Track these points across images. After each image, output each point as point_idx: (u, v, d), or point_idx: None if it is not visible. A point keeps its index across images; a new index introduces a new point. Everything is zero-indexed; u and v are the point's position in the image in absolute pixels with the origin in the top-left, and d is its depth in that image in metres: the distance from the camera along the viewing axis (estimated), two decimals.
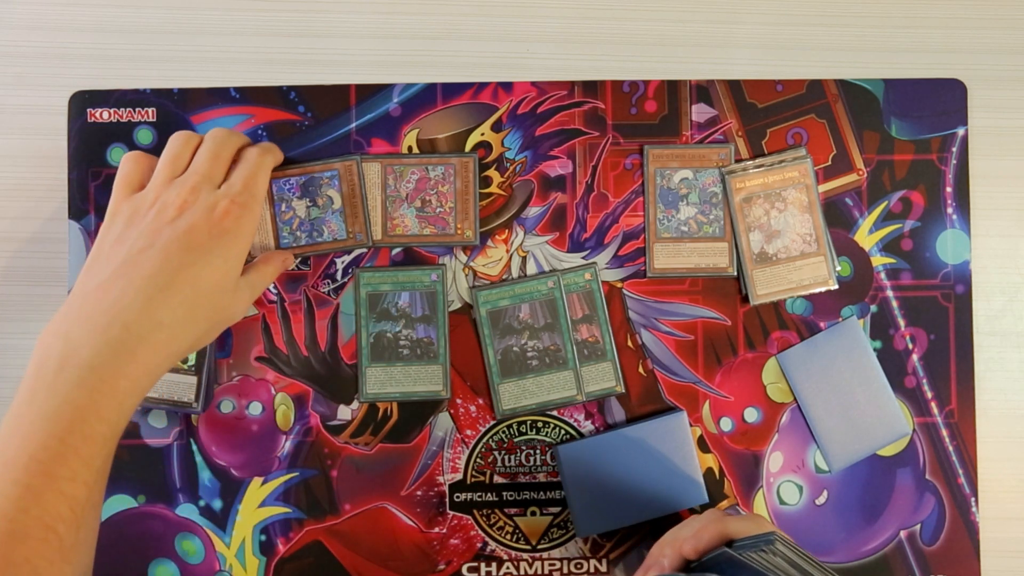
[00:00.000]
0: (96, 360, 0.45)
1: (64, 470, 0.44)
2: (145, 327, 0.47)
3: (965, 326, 0.65)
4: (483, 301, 0.63)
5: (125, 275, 0.48)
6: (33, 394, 0.46)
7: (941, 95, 0.66)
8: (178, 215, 0.51)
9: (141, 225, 0.51)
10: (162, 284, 0.48)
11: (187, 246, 0.49)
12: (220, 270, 0.50)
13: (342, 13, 0.65)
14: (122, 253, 0.50)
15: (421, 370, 0.63)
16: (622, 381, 0.64)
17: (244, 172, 0.54)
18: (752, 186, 0.64)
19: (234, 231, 0.51)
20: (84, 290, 0.49)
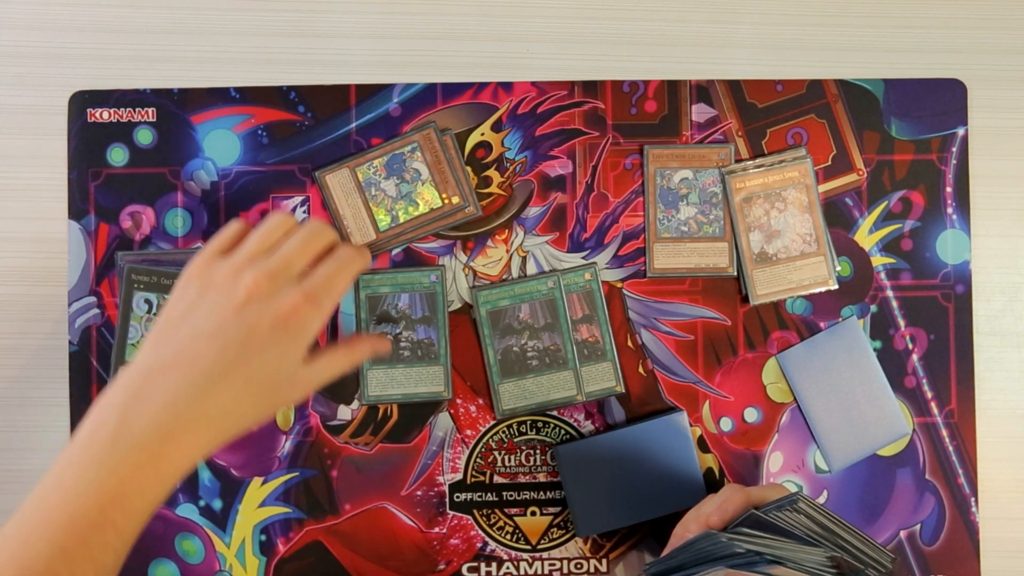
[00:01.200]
0: (145, 441, 0.46)
1: (99, 538, 0.45)
2: (195, 417, 0.47)
3: (965, 326, 0.65)
4: (483, 301, 0.63)
5: (185, 363, 0.48)
6: (81, 457, 0.46)
7: (941, 95, 0.66)
8: (246, 302, 0.50)
9: (210, 301, 0.50)
10: (215, 377, 0.48)
11: (246, 341, 0.49)
12: (274, 366, 0.50)
13: (342, 13, 0.65)
14: (186, 334, 0.49)
15: (422, 371, 0.63)
16: (622, 381, 0.64)
17: (330, 269, 0.52)
18: (752, 186, 0.64)
19: (297, 329, 0.50)
20: (147, 365, 0.49)
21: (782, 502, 0.51)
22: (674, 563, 0.53)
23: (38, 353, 0.64)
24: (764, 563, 0.48)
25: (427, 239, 0.64)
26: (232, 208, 0.64)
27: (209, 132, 0.64)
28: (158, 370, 0.48)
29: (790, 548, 0.49)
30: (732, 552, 0.49)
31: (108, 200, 0.64)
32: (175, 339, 0.50)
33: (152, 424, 0.47)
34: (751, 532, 0.50)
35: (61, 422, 0.63)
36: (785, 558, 0.48)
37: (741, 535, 0.49)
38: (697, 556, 0.51)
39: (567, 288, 0.64)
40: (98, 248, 0.64)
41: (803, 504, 0.50)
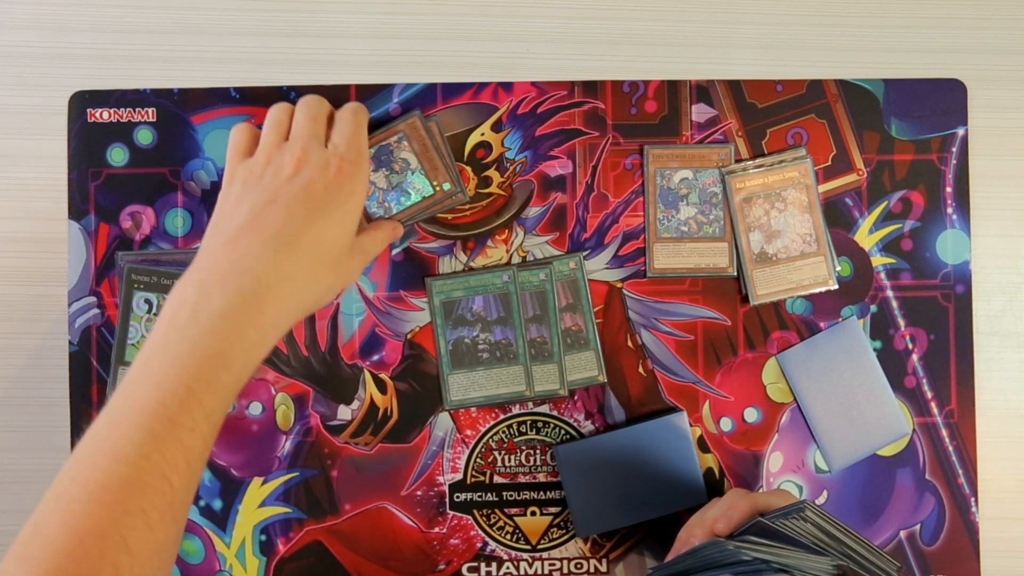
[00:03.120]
0: (227, 307, 0.47)
1: (187, 419, 0.45)
2: (273, 278, 0.48)
3: (965, 326, 0.65)
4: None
5: (252, 230, 0.49)
6: (165, 341, 0.46)
7: (941, 95, 0.66)
8: (295, 173, 0.52)
9: (260, 184, 0.52)
10: (287, 238, 0.49)
11: (307, 201, 0.51)
12: (339, 226, 0.52)
13: (342, 13, 0.65)
14: (244, 210, 0.51)
15: (502, 372, 0.63)
16: (604, 370, 0.64)
17: (345, 132, 0.55)
18: (752, 186, 0.64)
19: (349, 187, 0.52)
20: (212, 246, 0.50)
21: (789, 509, 0.51)
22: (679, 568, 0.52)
23: (38, 353, 0.64)
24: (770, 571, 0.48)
25: (427, 239, 0.64)
26: None
27: (209, 132, 0.64)
28: (227, 243, 0.49)
29: (796, 556, 0.49)
30: (738, 560, 0.49)
31: (108, 200, 0.64)
32: (236, 218, 0.51)
33: (232, 291, 0.47)
34: (757, 540, 0.50)
35: (61, 422, 0.63)
36: (791, 566, 0.48)
37: (747, 543, 0.49)
38: (703, 563, 0.51)
39: (557, 276, 0.64)
40: (98, 248, 0.64)
41: (810, 512, 0.50)
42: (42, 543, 0.42)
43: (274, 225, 0.49)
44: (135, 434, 0.44)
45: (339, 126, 0.56)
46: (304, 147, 0.53)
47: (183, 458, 0.45)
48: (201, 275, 0.48)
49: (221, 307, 0.47)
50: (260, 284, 0.47)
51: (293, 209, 0.50)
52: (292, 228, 0.50)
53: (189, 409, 0.45)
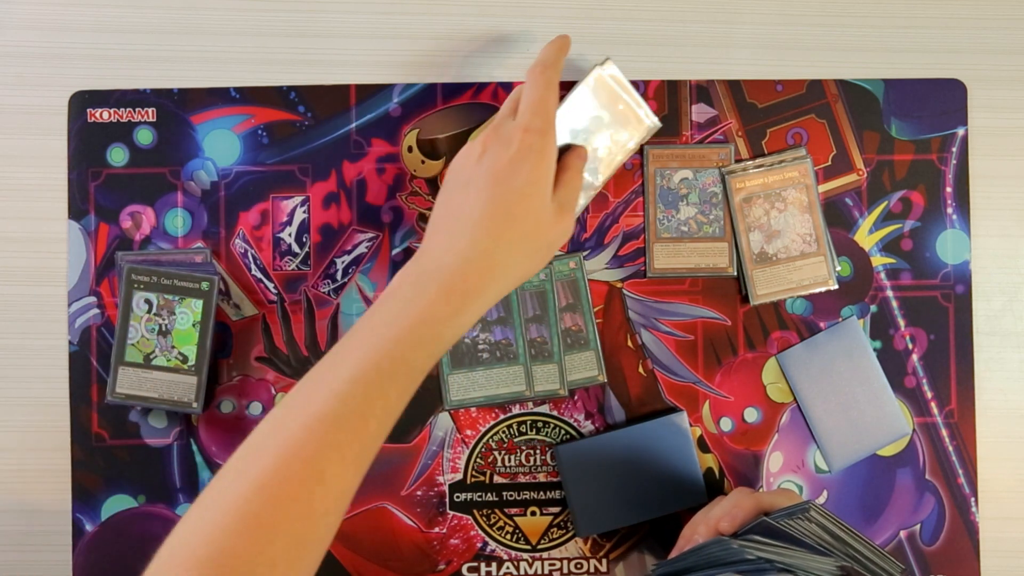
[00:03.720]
0: (439, 277, 0.52)
1: (391, 369, 0.49)
2: (473, 254, 0.52)
3: (965, 326, 0.65)
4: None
5: (452, 215, 0.54)
6: (388, 300, 0.52)
7: (941, 95, 0.66)
8: (482, 153, 0.55)
9: (457, 169, 0.56)
10: (479, 218, 0.53)
11: (494, 180, 0.53)
12: (528, 197, 0.53)
13: (342, 13, 0.65)
14: (443, 197, 0.56)
15: (502, 372, 0.63)
16: (604, 370, 0.64)
17: (529, 97, 0.55)
18: (752, 186, 0.64)
19: (533, 157, 0.53)
20: (427, 233, 0.55)
21: (793, 510, 0.51)
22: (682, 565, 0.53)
23: (38, 353, 0.64)
24: (774, 571, 0.48)
25: None
26: (232, 208, 0.64)
27: (209, 132, 0.64)
28: (437, 230, 0.55)
29: (800, 556, 0.49)
30: (742, 558, 0.49)
31: (108, 200, 0.64)
32: (439, 203, 0.56)
33: (442, 266, 0.52)
34: (762, 539, 0.50)
35: (61, 422, 0.63)
36: (795, 566, 0.48)
37: (752, 542, 0.49)
38: (707, 560, 0.51)
39: (556, 276, 0.64)
40: (98, 248, 0.64)
41: (815, 512, 0.50)
42: (256, 460, 0.47)
43: (466, 208, 0.53)
44: (348, 373, 0.49)
45: (526, 91, 0.56)
46: (494, 125, 0.56)
47: (382, 405, 0.49)
48: (420, 256, 0.54)
49: (435, 279, 0.52)
50: (464, 262, 0.52)
51: (482, 191, 0.53)
52: (482, 210, 0.53)
53: (398, 361, 0.50)
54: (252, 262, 0.64)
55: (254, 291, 0.64)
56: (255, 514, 0.44)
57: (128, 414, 0.63)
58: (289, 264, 0.64)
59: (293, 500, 0.45)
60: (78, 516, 0.63)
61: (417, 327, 0.50)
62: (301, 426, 0.47)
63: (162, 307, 0.61)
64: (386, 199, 0.65)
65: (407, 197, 0.65)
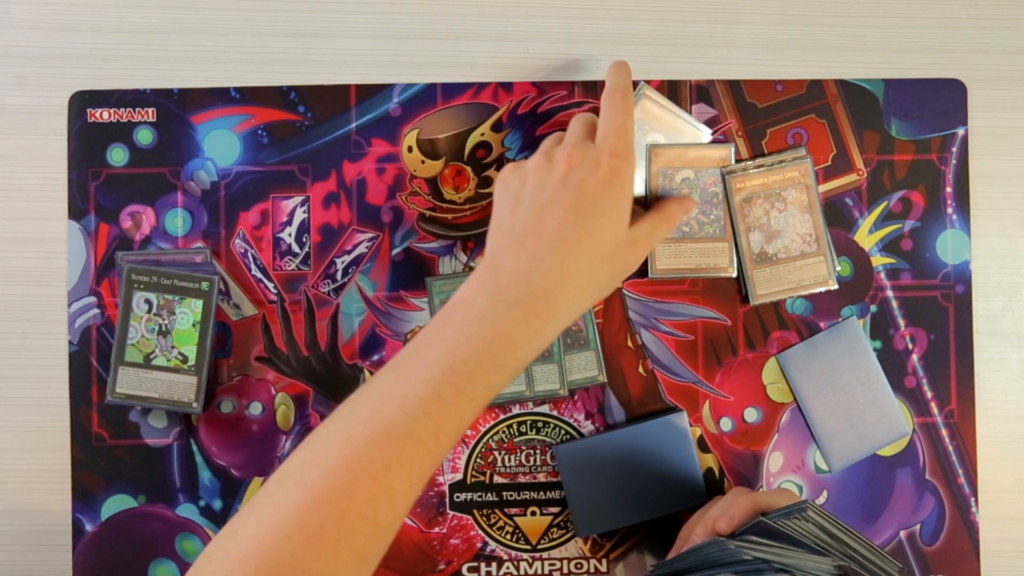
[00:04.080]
0: (520, 298, 0.50)
1: (469, 388, 0.48)
2: (558, 276, 0.51)
3: (965, 326, 0.65)
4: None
5: (535, 231, 0.52)
6: (462, 317, 0.50)
7: (941, 95, 0.66)
8: (568, 172, 0.53)
9: (535, 183, 0.54)
10: (565, 238, 0.52)
11: (581, 201, 0.52)
12: (613, 222, 0.53)
13: (342, 13, 0.65)
14: (524, 211, 0.54)
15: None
16: (604, 370, 0.64)
17: (611, 123, 0.55)
18: (752, 186, 0.64)
19: (619, 183, 0.53)
20: (499, 245, 0.54)
21: (791, 509, 0.51)
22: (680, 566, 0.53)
23: (38, 353, 0.64)
24: (771, 571, 0.48)
25: (427, 239, 0.64)
26: (232, 208, 0.64)
27: (209, 132, 0.64)
28: (514, 244, 0.53)
29: (798, 557, 0.49)
30: (739, 559, 0.49)
31: (108, 200, 0.64)
32: (518, 219, 0.54)
33: (524, 285, 0.51)
34: (759, 540, 0.50)
35: (61, 422, 0.63)
36: (792, 566, 0.48)
37: (748, 542, 0.50)
38: (704, 561, 0.51)
39: None
40: (98, 248, 0.64)
41: (812, 512, 0.50)
42: (320, 471, 0.45)
43: (554, 227, 0.52)
44: (422, 390, 0.47)
45: (606, 116, 0.56)
46: (574, 146, 0.54)
47: (455, 424, 0.48)
48: (497, 270, 0.52)
49: (515, 298, 0.50)
50: (547, 280, 0.51)
51: (568, 209, 0.52)
52: (569, 229, 0.52)
53: (474, 380, 0.48)
54: (252, 262, 0.64)
55: (254, 291, 0.64)
56: (320, 526, 0.44)
57: (128, 414, 0.63)
58: (289, 264, 0.64)
59: (360, 516, 0.45)
60: (78, 516, 0.63)
61: (496, 348, 0.49)
62: (368, 441, 0.46)
63: (162, 307, 0.61)
64: (386, 199, 0.65)
65: (407, 197, 0.65)
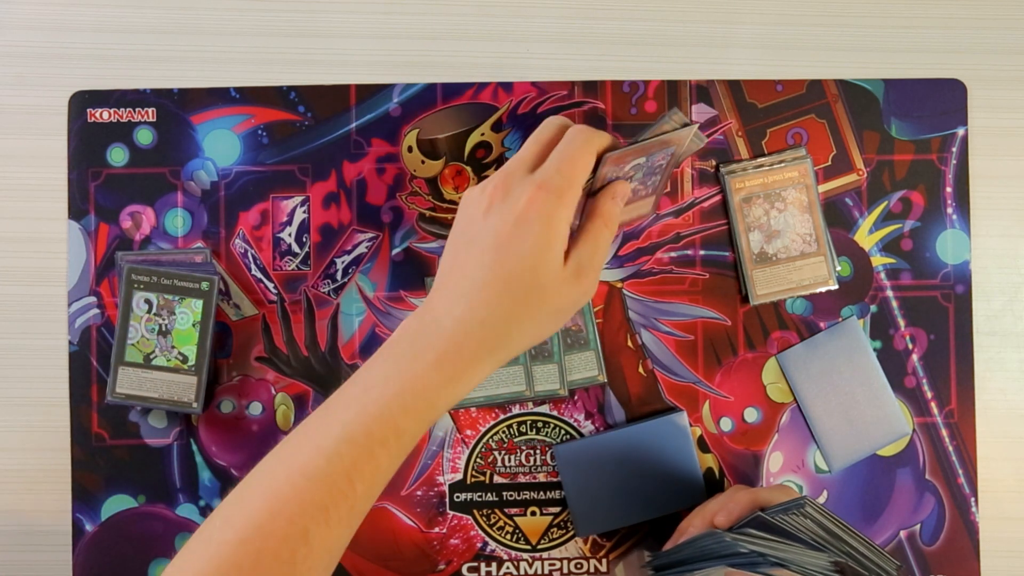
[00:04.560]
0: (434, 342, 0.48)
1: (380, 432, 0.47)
2: (469, 323, 0.48)
3: (965, 326, 0.65)
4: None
5: (452, 276, 0.50)
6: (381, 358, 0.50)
7: (941, 95, 0.66)
8: (489, 207, 0.50)
9: (465, 218, 0.52)
10: (478, 282, 0.49)
11: (498, 242, 0.49)
12: (529, 263, 0.48)
13: (342, 13, 0.65)
14: (449, 252, 0.52)
15: (502, 372, 0.63)
16: (604, 370, 0.64)
17: (560, 153, 0.50)
18: (752, 186, 0.64)
19: (538, 221, 0.48)
20: (434, 284, 0.52)
21: (789, 505, 0.51)
22: (676, 558, 0.53)
23: (38, 353, 0.64)
24: (767, 564, 0.48)
25: (427, 239, 0.64)
26: (232, 208, 0.64)
27: (209, 132, 0.64)
28: (439, 285, 0.51)
29: (794, 551, 0.49)
30: (735, 552, 0.49)
31: (108, 200, 0.64)
32: (447, 256, 0.52)
33: (436, 330, 0.49)
34: (756, 533, 0.50)
35: (61, 422, 0.63)
36: (788, 561, 0.48)
37: (745, 535, 0.50)
38: (700, 553, 0.51)
39: None
40: (98, 248, 0.64)
41: (810, 508, 0.50)
42: (243, 509, 0.46)
43: (467, 269, 0.49)
44: (337, 429, 0.47)
45: (560, 146, 0.50)
46: (505, 176, 0.50)
47: (369, 468, 0.47)
48: (425, 309, 0.50)
49: (430, 342, 0.48)
50: (460, 328, 0.48)
51: (485, 252, 0.49)
52: (484, 273, 0.48)
53: (384, 423, 0.47)
54: (252, 262, 0.64)
55: (254, 291, 0.64)
56: (238, 566, 0.43)
57: (128, 414, 0.63)
58: (289, 264, 0.64)
59: (274, 557, 0.44)
60: (78, 516, 0.63)
61: (406, 393, 0.47)
62: (287, 481, 0.46)
63: (162, 307, 0.61)
64: (386, 199, 0.65)
65: (407, 197, 0.65)
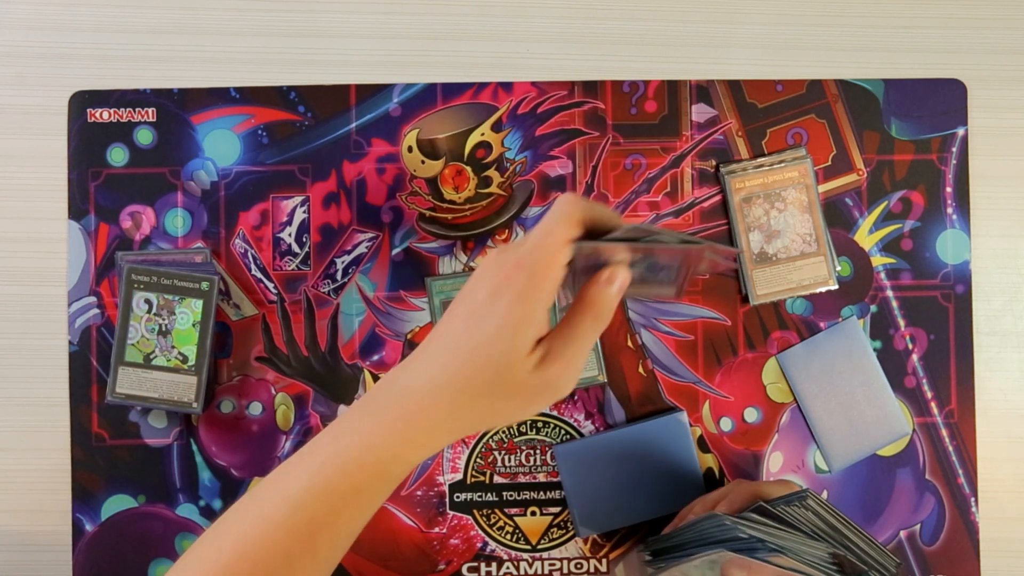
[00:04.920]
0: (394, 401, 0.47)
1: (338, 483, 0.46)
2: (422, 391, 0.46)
3: (965, 326, 0.65)
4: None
5: (433, 335, 0.48)
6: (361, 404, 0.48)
7: (941, 95, 0.66)
8: (471, 280, 0.48)
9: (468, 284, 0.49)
10: (449, 350, 0.46)
11: (467, 314, 0.46)
12: (492, 341, 0.45)
13: (342, 13, 0.65)
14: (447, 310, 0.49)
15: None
16: (604, 370, 0.64)
17: (539, 229, 0.46)
18: (752, 186, 0.64)
19: (505, 298, 0.45)
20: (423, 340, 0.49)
21: (791, 497, 0.51)
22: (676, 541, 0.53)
23: (38, 353, 0.64)
24: (765, 550, 0.48)
25: (427, 239, 0.64)
26: (232, 208, 0.64)
27: (209, 132, 0.64)
28: (419, 346, 0.48)
29: (793, 540, 0.49)
30: (735, 536, 0.49)
31: (108, 200, 0.64)
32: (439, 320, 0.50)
33: (401, 391, 0.47)
34: (756, 518, 0.50)
35: (61, 422, 0.63)
36: (787, 548, 0.48)
37: (745, 519, 0.50)
38: (699, 536, 0.51)
39: None
40: (98, 248, 0.64)
41: (812, 501, 0.50)
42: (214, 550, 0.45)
43: (444, 334, 0.47)
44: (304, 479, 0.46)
45: (545, 217, 0.47)
46: (499, 249, 0.48)
47: (330, 522, 0.46)
48: (398, 368, 0.48)
49: (394, 400, 0.47)
50: (423, 388, 0.46)
51: (459, 318, 0.46)
52: (454, 339, 0.46)
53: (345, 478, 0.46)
54: (252, 262, 0.64)
55: (254, 291, 0.64)
56: None
57: (128, 414, 0.63)
58: (289, 264, 0.64)
59: None
60: (78, 516, 0.63)
61: (366, 448, 0.46)
62: (254, 524, 0.45)
63: (162, 307, 0.61)
64: (386, 199, 0.65)
65: (407, 197, 0.65)
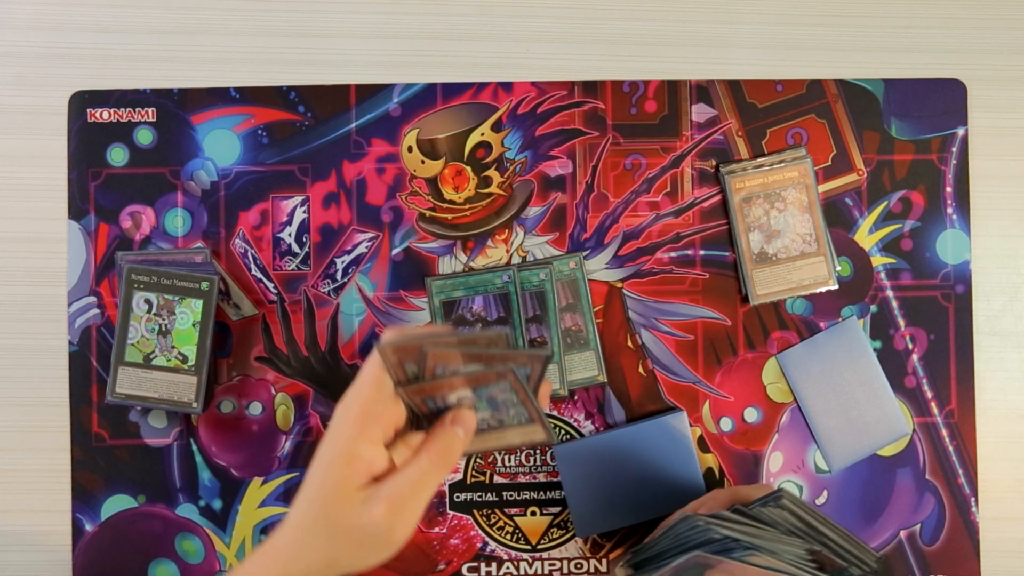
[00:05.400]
0: (275, 534, 0.47)
1: None
2: (291, 527, 0.46)
3: (965, 326, 0.65)
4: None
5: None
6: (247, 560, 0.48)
7: (941, 95, 0.66)
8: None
9: None
10: (304, 485, 0.46)
11: (318, 452, 0.46)
12: (321, 472, 0.45)
13: (342, 13, 0.65)
14: None
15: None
16: (604, 370, 0.64)
17: (356, 379, 0.46)
18: (752, 186, 0.64)
19: (333, 433, 0.45)
20: None
21: (766, 498, 0.51)
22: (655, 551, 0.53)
23: (38, 353, 0.64)
24: (740, 549, 0.48)
25: (427, 239, 0.64)
26: (232, 208, 0.64)
27: (209, 132, 0.64)
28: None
29: (768, 537, 0.49)
30: (709, 538, 0.49)
31: (108, 200, 0.64)
32: None
33: (269, 537, 0.47)
34: (730, 516, 0.50)
35: (61, 422, 0.63)
36: (763, 547, 0.48)
37: (719, 518, 0.50)
38: (676, 542, 0.51)
39: (556, 276, 0.64)
40: (98, 248, 0.64)
41: (787, 501, 0.50)
42: None
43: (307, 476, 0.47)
44: None
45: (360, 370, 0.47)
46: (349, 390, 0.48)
47: None
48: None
49: (260, 547, 0.47)
50: (276, 533, 0.46)
51: (313, 462, 0.46)
52: (306, 479, 0.46)
53: None
54: (252, 262, 0.64)
55: (254, 291, 0.64)
56: None
57: (128, 414, 0.63)
58: (289, 264, 0.64)
59: None
60: (78, 516, 0.63)
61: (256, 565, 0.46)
62: None
63: (162, 307, 0.61)
64: (386, 199, 0.65)
65: (407, 197, 0.65)
